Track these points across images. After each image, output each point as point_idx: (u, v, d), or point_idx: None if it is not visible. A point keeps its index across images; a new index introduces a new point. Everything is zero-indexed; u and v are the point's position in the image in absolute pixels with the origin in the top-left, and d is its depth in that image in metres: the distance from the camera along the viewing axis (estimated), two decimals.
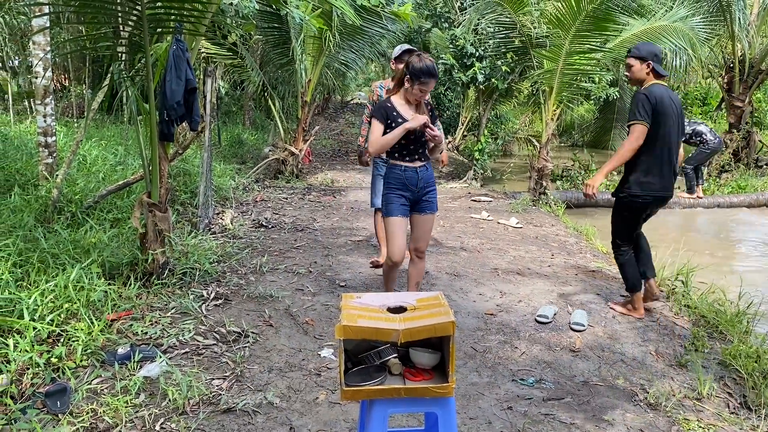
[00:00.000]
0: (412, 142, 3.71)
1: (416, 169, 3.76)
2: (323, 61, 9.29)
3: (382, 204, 3.87)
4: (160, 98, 3.98)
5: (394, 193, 3.76)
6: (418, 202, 3.83)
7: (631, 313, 4.35)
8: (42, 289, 3.57)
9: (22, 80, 11.25)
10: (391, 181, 3.77)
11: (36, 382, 2.97)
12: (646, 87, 4.07)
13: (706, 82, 18.32)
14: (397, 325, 2.14)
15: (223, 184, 7.63)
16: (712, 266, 5.60)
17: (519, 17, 8.85)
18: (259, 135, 13.14)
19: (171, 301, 4.05)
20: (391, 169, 3.78)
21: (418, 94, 3.63)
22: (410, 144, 3.71)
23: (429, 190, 3.84)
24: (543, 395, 3.23)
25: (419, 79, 3.56)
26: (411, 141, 3.70)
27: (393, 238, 3.77)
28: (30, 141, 7.42)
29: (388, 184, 3.79)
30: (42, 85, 5.61)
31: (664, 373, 3.54)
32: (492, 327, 4.09)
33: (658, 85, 4.07)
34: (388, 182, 3.79)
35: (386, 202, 3.80)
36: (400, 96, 3.75)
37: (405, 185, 3.75)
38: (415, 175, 3.75)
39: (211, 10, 4.15)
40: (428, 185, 3.83)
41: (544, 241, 6.49)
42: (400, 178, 3.75)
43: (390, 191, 3.78)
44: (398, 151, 3.74)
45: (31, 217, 4.77)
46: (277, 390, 3.12)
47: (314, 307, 4.25)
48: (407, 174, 3.74)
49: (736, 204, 9.79)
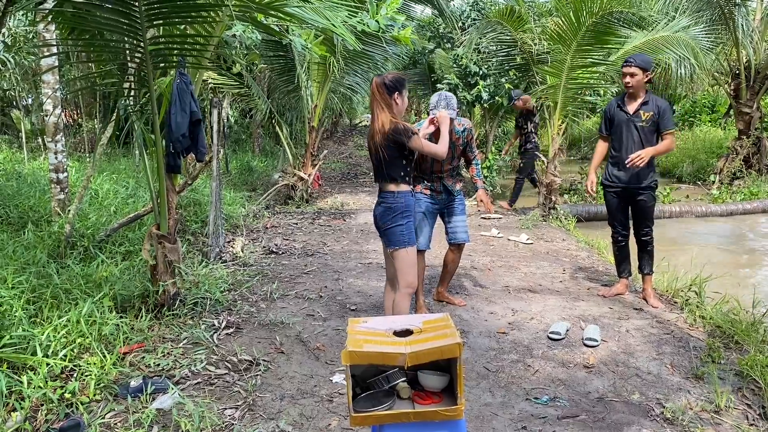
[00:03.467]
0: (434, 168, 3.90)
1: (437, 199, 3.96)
2: (329, 86, 9.39)
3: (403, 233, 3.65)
4: (166, 131, 4.04)
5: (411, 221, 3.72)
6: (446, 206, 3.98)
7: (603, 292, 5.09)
8: (55, 324, 3.60)
9: (35, 118, 11.46)
10: (409, 209, 3.70)
11: (50, 418, 2.99)
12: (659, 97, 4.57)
13: (714, 90, 18.25)
14: (403, 349, 2.14)
15: (234, 211, 7.69)
16: (726, 275, 5.53)
17: (519, 35, 8.92)
18: (269, 161, 13.24)
19: (182, 331, 4.07)
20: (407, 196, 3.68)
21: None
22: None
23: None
24: (557, 413, 3.20)
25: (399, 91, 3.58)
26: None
27: (414, 269, 3.70)
28: (43, 178, 7.54)
29: (406, 212, 3.67)
30: (52, 123, 5.72)
31: (680, 386, 3.50)
32: (504, 346, 4.07)
33: None
34: (406, 211, 3.67)
35: (409, 231, 3.68)
36: None
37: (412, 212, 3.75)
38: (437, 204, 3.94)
39: (213, 43, 4.23)
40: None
41: (555, 257, 6.46)
42: (411, 204, 3.72)
43: (410, 219, 3.69)
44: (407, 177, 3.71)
45: (44, 253, 4.83)
46: (290, 418, 3.11)
47: (325, 332, 4.25)
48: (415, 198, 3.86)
49: (750, 211, 9.69)
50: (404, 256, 3.64)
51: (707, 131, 15.92)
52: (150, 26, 3.83)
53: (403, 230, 3.62)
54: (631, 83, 4.55)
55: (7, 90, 11.29)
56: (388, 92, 3.54)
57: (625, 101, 4.69)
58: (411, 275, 3.67)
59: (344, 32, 4.12)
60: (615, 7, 6.99)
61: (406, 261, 3.65)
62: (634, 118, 4.61)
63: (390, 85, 3.55)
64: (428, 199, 4.46)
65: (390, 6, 4.86)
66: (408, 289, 3.68)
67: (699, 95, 19.18)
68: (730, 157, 12.18)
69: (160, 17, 3.84)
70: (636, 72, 4.51)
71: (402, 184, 3.62)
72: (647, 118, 4.57)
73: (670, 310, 4.75)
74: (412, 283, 3.69)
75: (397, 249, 3.64)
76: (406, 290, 3.69)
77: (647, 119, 4.57)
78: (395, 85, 3.56)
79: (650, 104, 4.58)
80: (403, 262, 3.65)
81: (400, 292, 3.70)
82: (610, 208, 4.92)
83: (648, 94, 4.65)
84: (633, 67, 4.51)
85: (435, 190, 4.48)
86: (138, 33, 3.79)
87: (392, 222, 3.63)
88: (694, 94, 19.12)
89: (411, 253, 3.66)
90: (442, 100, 4.22)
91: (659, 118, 4.55)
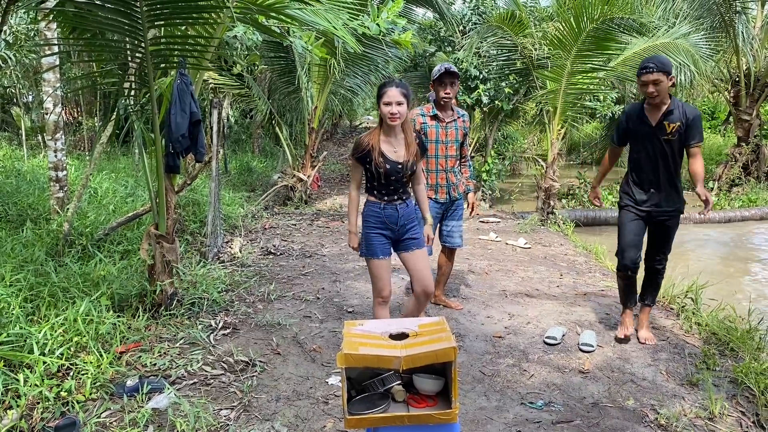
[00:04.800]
0: (392, 182, 3.51)
1: (396, 207, 3.53)
2: (329, 87, 9.42)
3: (362, 243, 3.61)
4: (166, 131, 4.05)
5: (374, 232, 3.54)
6: (400, 241, 3.59)
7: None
8: (52, 323, 3.61)
9: (35, 115, 11.47)
10: (371, 219, 3.54)
11: (46, 416, 3.00)
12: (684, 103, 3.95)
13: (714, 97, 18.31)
14: (398, 352, 2.15)
15: (232, 212, 7.70)
16: (723, 282, 5.54)
17: (520, 39, 8.94)
18: (268, 162, 13.26)
19: (179, 331, 4.08)
20: (370, 207, 3.56)
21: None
22: (390, 184, 3.50)
23: (411, 227, 3.57)
24: (552, 418, 3.21)
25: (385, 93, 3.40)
26: (391, 181, 3.48)
27: (379, 280, 3.56)
28: (42, 175, 7.55)
29: (367, 223, 3.56)
30: (52, 121, 5.73)
31: (674, 392, 3.51)
32: (500, 350, 4.08)
33: None
34: (367, 221, 3.56)
35: (367, 242, 3.56)
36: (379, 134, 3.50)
37: (385, 224, 3.53)
38: (395, 213, 3.51)
39: (214, 44, 4.24)
40: (409, 221, 3.57)
41: (552, 262, 6.47)
42: (380, 216, 3.52)
43: (370, 230, 3.54)
44: (377, 189, 3.54)
45: (42, 252, 4.84)
46: (285, 419, 3.12)
47: (322, 334, 4.26)
48: (386, 212, 3.51)
49: (748, 217, 9.74)
50: (369, 266, 3.60)
51: (707, 138, 15.98)
52: (151, 27, 3.84)
53: (362, 240, 3.59)
54: (656, 93, 3.78)
55: (8, 87, 11.30)
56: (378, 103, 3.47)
57: (645, 110, 3.95)
58: (377, 285, 3.58)
59: (345, 35, 4.14)
60: (616, 13, 7.01)
61: (370, 271, 3.60)
62: (658, 130, 3.90)
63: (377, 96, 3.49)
64: (432, 204, 4.47)
65: (391, 10, 4.88)
66: (377, 299, 3.62)
67: (699, 101, 19.24)
68: (729, 164, 12.23)
69: (162, 18, 3.85)
70: (660, 78, 3.75)
71: (370, 196, 3.57)
72: (673, 129, 3.86)
73: (666, 317, 4.76)
74: (379, 292, 3.59)
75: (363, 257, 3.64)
76: (375, 300, 3.64)
77: (673, 131, 3.87)
78: (377, 94, 3.46)
79: (676, 113, 3.86)
80: (370, 272, 3.62)
81: (373, 300, 3.69)
82: (625, 233, 4.08)
83: (673, 100, 3.89)
84: (656, 73, 3.74)
85: (439, 191, 4.50)
86: (139, 33, 3.80)
87: (362, 230, 3.61)
88: (694, 101, 19.17)
89: (370, 265, 3.57)
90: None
91: (687, 129, 3.85)
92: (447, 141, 4.47)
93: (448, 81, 4.39)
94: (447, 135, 4.47)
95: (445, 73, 4.37)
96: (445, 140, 4.47)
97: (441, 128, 4.45)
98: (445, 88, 4.40)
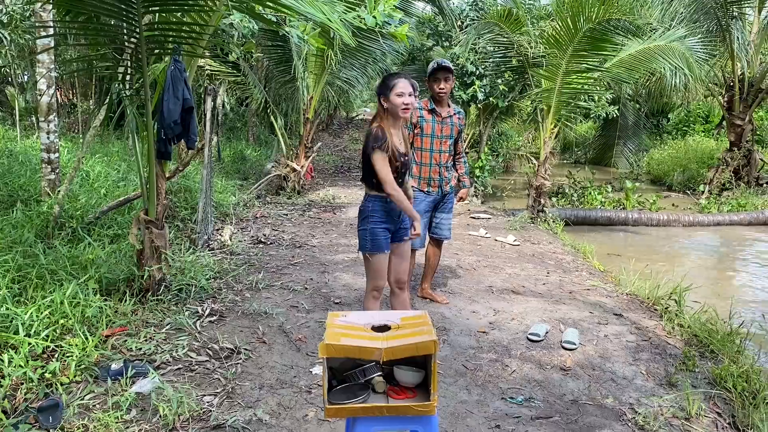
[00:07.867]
0: (401, 175, 3.51)
1: None
2: (325, 78, 9.40)
3: (366, 239, 3.53)
4: (158, 117, 4.06)
5: (380, 227, 3.50)
6: (396, 231, 3.60)
7: None
8: (38, 304, 3.62)
9: (29, 96, 11.40)
10: (377, 214, 3.50)
11: (29, 397, 3.02)
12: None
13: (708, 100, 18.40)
14: (379, 344, 2.19)
15: (224, 200, 7.70)
16: (707, 285, 5.60)
17: (516, 37, 8.96)
18: (262, 151, 13.24)
19: (166, 317, 4.10)
20: (375, 201, 3.50)
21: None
22: (399, 177, 3.49)
23: (404, 217, 3.58)
24: (532, 414, 3.25)
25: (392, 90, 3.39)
26: (400, 173, 3.49)
27: (381, 274, 3.57)
28: (34, 157, 7.52)
29: (373, 218, 3.50)
30: (45, 103, 5.71)
31: (653, 392, 3.56)
32: (484, 345, 4.12)
33: None
34: (372, 216, 3.50)
35: (374, 237, 3.50)
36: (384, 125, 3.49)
37: (390, 217, 3.54)
38: (396, 205, 3.49)
39: (209, 31, 4.24)
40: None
41: (540, 259, 6.52)
42: (385, 209, 3.50)
43: (376, 225, 3.50)
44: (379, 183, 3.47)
45: (31, 233, 4.84)
46: (268, 407, 3.15)
47: (308, 324, 4.29)
48: (391, 205, 3.48)
49: (736, 222, 9.81)
50: (367, 261, 3.58)
51: (700, 141, 16.07)
52: (146, 12, 3.84)
53: (366, 235, 3.53)
54: None
55: (3, 67, 11.22)
56: (378, 97, 3.48)
57: None
58: (378, 279, 3.59)
59: (339, 27, 4.14)
60: (613, 14, 7.03)
61: (368, 266, 3.59)
62: None
63: (377, 90, 3.50)
64: (424, 197, 4.53)
65: (387, 2, 4.89)
66: (373, 292, 3.62)
67: (693, 105, 19.33)
68: (721, 168, 12.32)
69: (157, 3, 3.86)
70: None
71: (373, 190, 3.52)
72: None
73: (649, 317, 4.82)
74: (378, 286, 3.60)
75: (360, 252, 3.61)
76: (371, 293, 3.63)
77: None
78: (379, 89, 3.47)
79: None
80: (367, 267, 3.61)
81: (366, 293, 3.67)
82: None
83: None
84: None
85: (431, 185, 4.54)
86: (134, 18, 3.79)
87: (360, 225, 3.57)
88: (689, 104, 19.27)
89: (374, 260, 3.55)
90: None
91: None
92: (442, 136, 4.53)
93: (442, 76, 4.43)
94: (442, 130, 4.52)
95: (438, 69, 4.40)
96: (440, 135, 4.52)
97: (437, 123, 4.50)
98: (439, 83, 4.44)
